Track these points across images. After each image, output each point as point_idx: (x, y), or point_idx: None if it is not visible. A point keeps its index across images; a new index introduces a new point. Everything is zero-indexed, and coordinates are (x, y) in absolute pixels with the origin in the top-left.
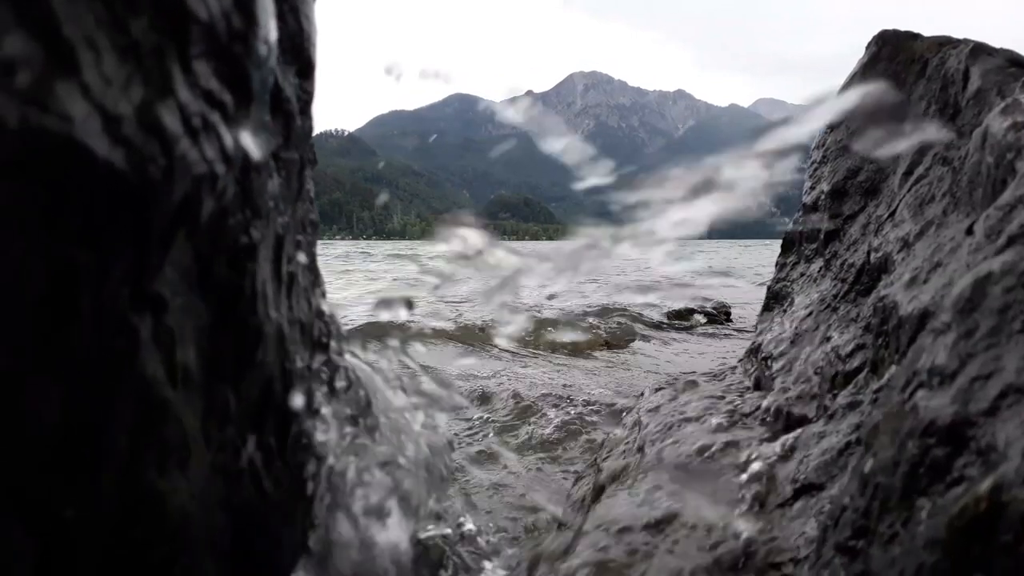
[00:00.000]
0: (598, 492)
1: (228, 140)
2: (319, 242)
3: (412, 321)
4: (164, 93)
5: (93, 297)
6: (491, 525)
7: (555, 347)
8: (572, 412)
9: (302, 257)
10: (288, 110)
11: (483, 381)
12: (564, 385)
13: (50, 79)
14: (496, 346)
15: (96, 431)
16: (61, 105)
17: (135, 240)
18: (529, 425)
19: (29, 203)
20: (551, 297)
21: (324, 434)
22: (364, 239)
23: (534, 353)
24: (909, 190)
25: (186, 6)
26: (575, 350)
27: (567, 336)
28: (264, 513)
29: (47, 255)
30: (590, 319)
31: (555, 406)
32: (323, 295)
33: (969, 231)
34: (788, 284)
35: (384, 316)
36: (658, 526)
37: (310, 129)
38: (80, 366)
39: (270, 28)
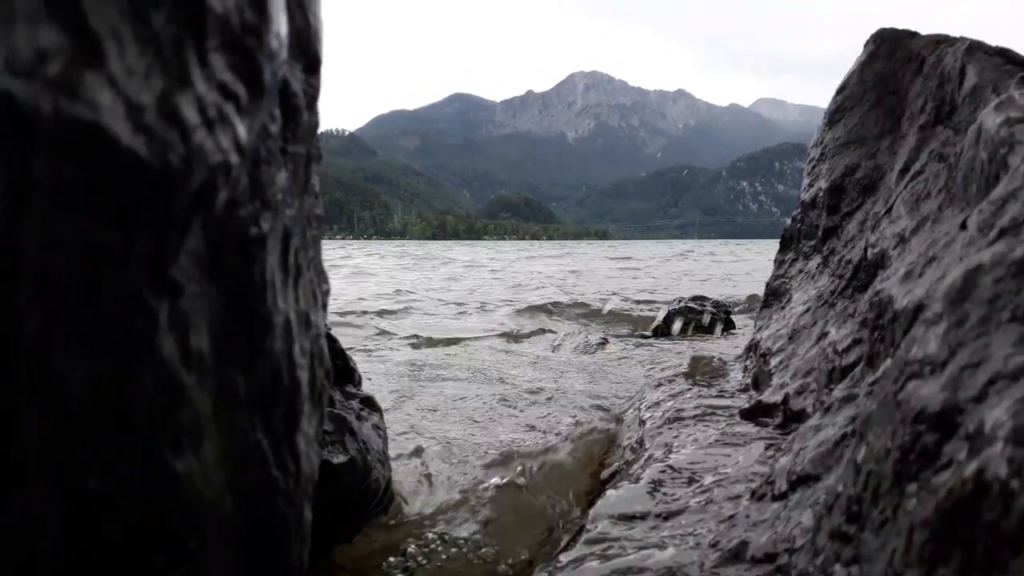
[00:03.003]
0: (603, 484)
1: (241, 131)
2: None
3: None
4: (182, 84)
5: (117, 278)
6: None
7: None
8: None
9: (309, 251)
10: (295, 104)
11: None
12: None
13: (79, 69)
14: None
15: (119, 407)
16: (89, 93)
17: (155, 225)
18: None
19: (63, 186)
20: None
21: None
22: (365, 239)
23: None
24: (906, 187)
25: None
26: None
27: None
28: (271, 498)
29: (78, 235)
30: None
31: None
32: (327, 292)
33: (963, 226)
34: (786, 281)
35: None
36: (661, 518)
37: (316, 124)
38: (104, 343)
39: (281, 23)
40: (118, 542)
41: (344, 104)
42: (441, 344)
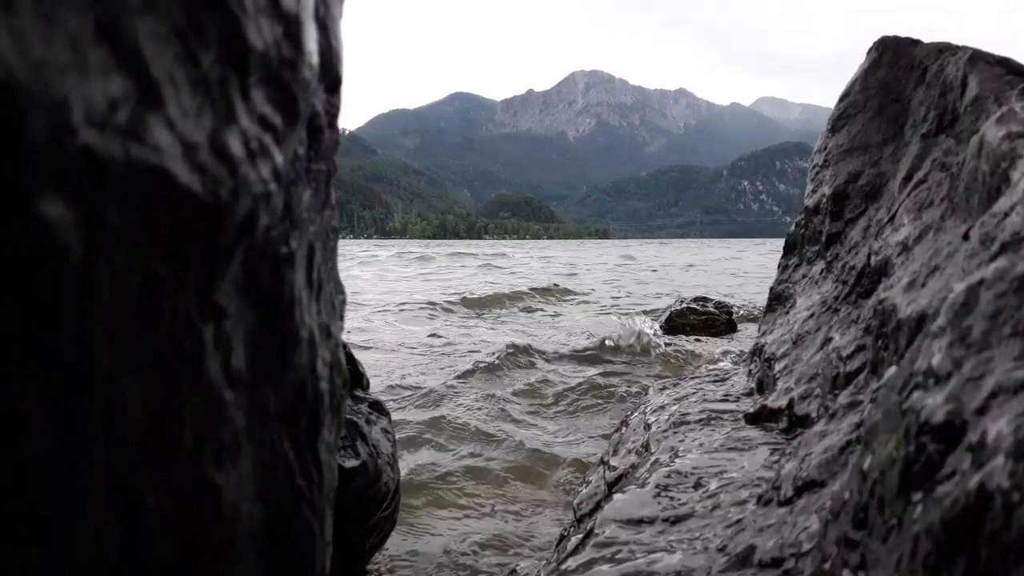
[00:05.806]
0: (609, 487)
1: (279, 160)
2: None
3: None
4: (229, 120)
5: (171, 307)
6: None
7: None
8: None
9: (328, 263)
10: (319, 124)
11: None
12: None
13: (143, 115)
14: None
15: (171, 427)
16: (153, 137)
17: (206, 255)
18: None
19: (130, 227)
20: None
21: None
22: (365, 238)
23: None
24: (909, 195)
25: (246, 39)
26: None
27: None
28: (297, 507)
29: (140, 272)
30: None
31: None
32: (344, 302)
33: (965, 236)
34: (790, 286)
35: None
36: (669, 523)
37: (336, 142)
38: (159, 369)
39: (314, 53)
40: (169, 557)
41: (344, 103)
42: None
